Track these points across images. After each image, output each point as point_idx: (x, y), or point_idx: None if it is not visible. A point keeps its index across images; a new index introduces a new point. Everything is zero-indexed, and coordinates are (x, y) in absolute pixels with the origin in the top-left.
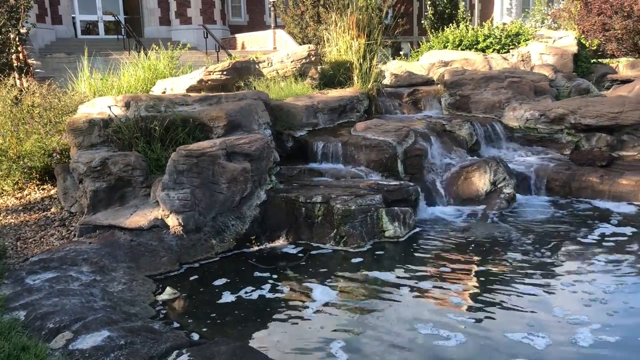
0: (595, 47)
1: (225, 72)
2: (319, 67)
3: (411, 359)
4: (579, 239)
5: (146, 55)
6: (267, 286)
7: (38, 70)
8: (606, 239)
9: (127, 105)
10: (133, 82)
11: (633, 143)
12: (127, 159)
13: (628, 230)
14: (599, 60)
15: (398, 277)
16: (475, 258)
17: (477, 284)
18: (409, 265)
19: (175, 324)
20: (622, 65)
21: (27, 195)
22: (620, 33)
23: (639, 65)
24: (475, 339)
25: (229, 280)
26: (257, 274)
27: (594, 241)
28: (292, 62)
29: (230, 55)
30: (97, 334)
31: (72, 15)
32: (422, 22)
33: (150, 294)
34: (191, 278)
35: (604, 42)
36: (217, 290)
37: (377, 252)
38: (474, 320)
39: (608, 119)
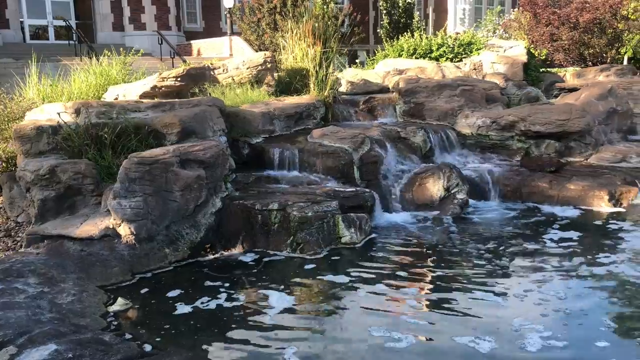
0: (544, 57)
1: (179, 79)
2: (275, 74)
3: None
4: (529, 243)
5: (98, 61)
6: (223, 295)
7: None
8: (555, 243)
9: (77, 112)
10: (84, 89)
11: (580, 149)
12: (77, 167)
13: (575, 235)
14: (548, 69)
15: (354, 282)
16: (429, 263)
17: (430, 288)
18: (365, 271)
19: (127, 336)
20: (569, 74)
21: None
22: (567, 43)
23: (585, 75)
24: (425, 341)
25: (183, 290)
26: (212, 283)
27: (544, 246)
28: (248, 68)
29: (185, 61)
30: (43, 347)
31: (21, 20)
32: (378, 30)
33: (102, 305)
34: (144, 288)
35: (552, 52)
36: (171, 300)
37: (333, 259)
38: (425, 323)
39: (556, 126)
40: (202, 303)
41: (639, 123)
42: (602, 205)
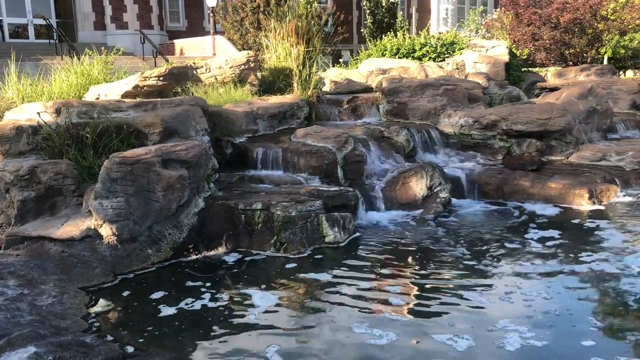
0: (525, 56)
1: (161, 78)
2: (258, 74)
3: (342, 356)
4: (511, 242)
5: (79, 60)
6: (207, 295)
7: None
8: (537, 242)
9: (57, 112)
10: (65, 88)
11: (561, 148)
12: (58, 167)
13: (556, 233)
14: (529, 68)
15: (337, 281)
16: (412, 262)
17: (413, 287)
18: (348, 270)
19: (109, 337)
20: (550, 74)
21: None
22: (549, 43)
23: (565, 74)
24: (404, 338)
25: (166, 291)
26: (195, 283)
27: (526, 244)
28: (231, 68)
29: (167, 60)
30: (22, 350)
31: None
32: (362, 30)
33: (83, 306)
34: (126, 289)
35: (534, 52)
36: (154, 301)
37: (317, 258)
38: (407, 321)
39: (537, 125)
40: (185, 304)
41: (618, 122)
42: (583, 204)
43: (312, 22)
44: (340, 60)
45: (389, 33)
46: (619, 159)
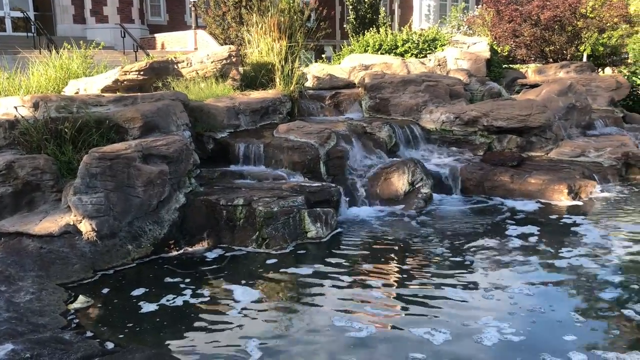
0: (506, 53)
1: (142, 72)
2: (240, 68)
3: (322, 349)
4: (491, 237)
5: (58, 54)
6: (188, 291)
7: None
8: (517, 237)
9: (35, 106)
10: (43, 82)
11: (540, 144)
12: (36, 162)
13: (536, 228)
14: (510, 65)
15: (319, 276)
16: (394, 257)
17: (393, 281)
18: (330, 265)
19: (89, 334)
20: (530, 71)
21: None
22: (529, 40)
23: (545, 71)
24: (384, 331)
25: (146, 287)
26: (176, 279)
27: (506, 240)
28: (212, 62)
29: (148, 55)
30: None
31: None
32: (345, 26)
33: (62, 303)
34: (106, 285)
35: (515, 48)
36: (135, 297)
37: (299, 253)
38: (386, 314)
39: (518, 122)
40: (166, 300)
41: (597, 119)
42: (562, 199)
43: (295, 17)
44: (323, 55)
45: (371, 29)
46: (598, 155)
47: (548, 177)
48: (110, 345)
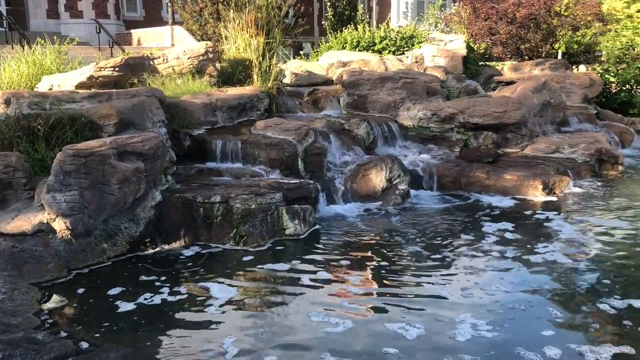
0: (482, 50)
1: (117, 68)
2: (217, 65)
3: (299, 343)
4: (468, 233)
5: (31, 50)
6: (165, 289)
7: None
8: (493, 233)
9: (7, 102)
10: (16, 78)
11: (516, 140)
12: (7, 160)
13: (511, 224)
14: (486, 62)
15: (297, 273)
16: (371, 253)
17: (371, 277)
18: (308, 261)
19: (63, 333)
20: (506, 68)
21: None
22: (505, 37)
23: (521, 68)
24: (360, 326)
25: (122, 285)
26: (153, 277)
27: (482, 236)
28: (189, 58)
29: (124, 51)
30: None
31: None
32: (323, 22)
33: (35, 302)
34: (81, 284)
35: (491, 46)
36: (110, 296)
37: (277, 249)
38: (363, 309)
39: (493, 118)
40: (143, 298)
41: (571, 115)
42: (537, 195)
43: (272, 13)
44: (301, 52)
45: (349, 26)
46: (572, 151)
47: (523, 173)
48: (85, 344)
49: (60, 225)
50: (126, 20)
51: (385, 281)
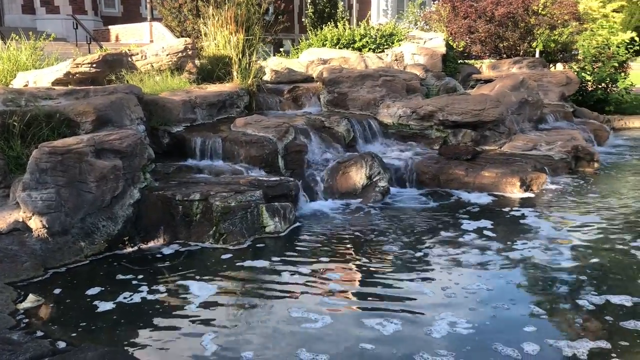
0: (462, 49)
1: (94, 65)
2: (197, 62)
3: (278, 339)
4: (447, 230)
5: (5, 45)
6: (143, 288)
7: None
8: (471, 230)
9: None
10: None
11: (494, 138)
12: None
13: (490, 221)
14: (465, 61)
15: (277, 270)
16: (351, 250)
17: (350, 274)
18: (288, 259)
19: (39, 333)
20: (485, 66)
21: None
22: (484, 36)
23: (499, 67)
24: (338, 322)
25: (100, 284)
26: (131, 276)
27: (461, 232)
28: (168, 55)
29: (102, 47)
30: None
31: None
32: (303, 20)
33: (10, 302)
34: (58, 284)
35: (470, 44)
36: (88, 295)
37: (257, 247)
38: (342, 305)
39: (472, 116)
40: (122, 297)
41: (548, 113)
42: (515, 191)
43: (252, 10)
44: (282, 49)
45: (329, 23)
46: (549, 148)
47: (501, 170)
48: (62, 344)
49: (36, 224)
50: (104, 16)
51: (364, 278)
